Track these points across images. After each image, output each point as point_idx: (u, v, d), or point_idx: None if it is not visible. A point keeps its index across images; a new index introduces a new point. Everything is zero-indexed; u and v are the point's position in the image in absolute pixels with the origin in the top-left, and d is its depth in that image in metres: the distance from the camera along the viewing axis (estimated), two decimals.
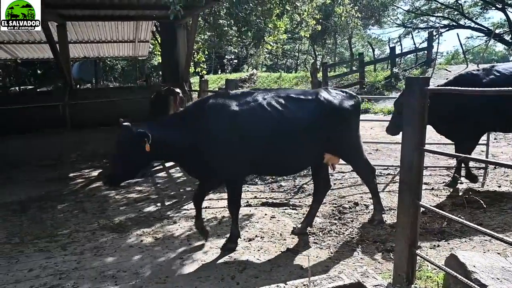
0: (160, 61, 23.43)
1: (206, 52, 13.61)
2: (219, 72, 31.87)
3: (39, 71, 31.85)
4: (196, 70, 12.25)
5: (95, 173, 7.64)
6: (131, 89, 11.07)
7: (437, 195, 5.31)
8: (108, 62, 30.83)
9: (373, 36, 35.83)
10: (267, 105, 3.84)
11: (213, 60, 29.70)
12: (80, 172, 7.80)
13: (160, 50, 12.43)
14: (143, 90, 10.20)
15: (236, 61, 35.65)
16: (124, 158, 3.62)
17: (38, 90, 14.68)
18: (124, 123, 3.65)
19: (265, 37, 8.43)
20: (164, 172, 7.50)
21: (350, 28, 23.75)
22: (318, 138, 4.02)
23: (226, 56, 35.97)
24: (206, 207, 5.34)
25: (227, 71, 33.55)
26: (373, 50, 26.07)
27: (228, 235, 4.17)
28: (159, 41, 12.20)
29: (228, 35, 7.97)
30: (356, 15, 18.12)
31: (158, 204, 5.62)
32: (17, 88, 24.06)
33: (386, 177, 6.22)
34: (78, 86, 17.86)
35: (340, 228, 4.47)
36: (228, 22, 8.58)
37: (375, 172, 4.52)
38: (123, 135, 3.59)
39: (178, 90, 8.19)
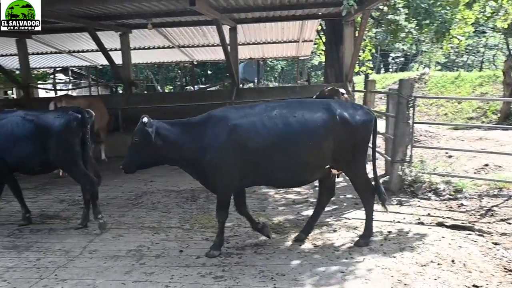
0: (321, 60, 23.86)
1: (373, 50, 13.06)
2: (382, 72, 30.40)
3: (209, 72, 36.32)
4: (361, 70, 11.85)
5: None
6: (293, 88, 11.40)
7: None
8: (269, 63, 32.91)
9: None
10: (272, 118, 3.89)
11: (377, 58, 28.44)
12: None
13: (323, 49, 12.46)
14: (305, 89, 10.38)
15: (402, 59, 33.42)
16: (136, 148, 4.08)
17: (208, 89, 16.56)
18: (143, 116, 4.03)
19: (450, 30, 7.46)
20: None
21: None
22: (324, 153, 3.94)
23: (391, 54, 34.08)
24: None
25: (392, 70, 31.73)
26: None
27: (394, 254, 3.87)
28: (323, 40, 12.24)
29: (404, 30, 7.33)
30: None
31: None
32: (191, 87, 27.94)
33: None
34: (241, 85, 19.54)
35: None
36: (406, 16, 7.92)
37: (374, 193, 4.26)
38: (138, 126, 4.05)
39: (342, 90, 7.98)
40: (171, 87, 32.22)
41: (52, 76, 22.63)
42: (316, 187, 6.55)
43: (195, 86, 27.79)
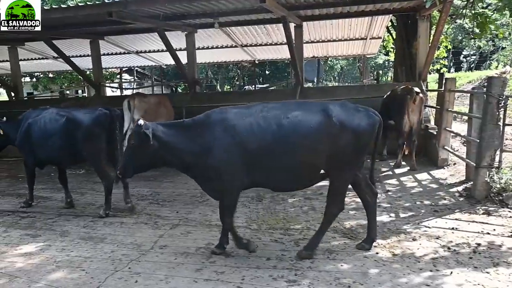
0: (386, 58, 22.97)
1: (449, 47, 12.23)
2: (452, 71, 28.59)
3: (267, 72, 36.48)
4: (434, 68, 11.14)
5: None
6: (360, 87, 11.01)
7: None
8: (328, 62, 32.33)
9: None
10: (269, 119, 3.80)
11: (447, 56, 26.82)
12: None
13: (392, 46, 11.89)
14: (373, 88, 9.96)
15: (474, 57, 31.25)
16: (133, 151, 4.00)
17: (269, 88, 16.55)
18: (139, 119, 4.02)
19: None
20: (395, 179, 7.02)
21: None
22: (319, 156, 3.78)
23: (463, 52, 32.01)
24: (453, 228, 4.61)
25: (465, 68, 29.73)
26: None
27: (487, 269, 3.53)
28: (393, 36, 11.67)
29: (494, 23, 6.65)
30: None
31: (392, 215, 5.21)
32: (250, 86, 28.19)
33: None
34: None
35: None
36: (497, 7, 7.24)
37: (340, 210, 4.06)
38: (134, 129, 4.01)
39: (417, 89, 7.53)
40: (228, 87, 32.79)
41: (118, 75, 23.98)
42: (389, 192, 6.26)
43: (254, 86, 28.11)
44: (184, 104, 10.39)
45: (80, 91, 26.79)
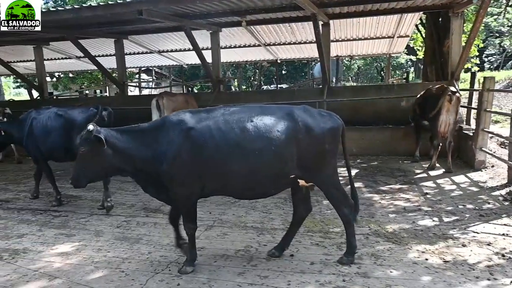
0: (408, 57, 22.52)
1: (481, 45, 11.89)
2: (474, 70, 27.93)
3: (283, 71, 36.29)
4: (466, 67, 10.84)
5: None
6: (390, 87, 10.79)
7: None
8: (345, 62, 31.95)
9: None
10: (230, 122, 3.63)
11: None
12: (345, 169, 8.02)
13: (421, 44, 11.61)
14: (402, 88, 9.74)
15: (497, 56, 30.48)
16: (84, 159, 3.74)
17: (295, 88, 16.36)
18: (89, 125, 3.71)
19: None
20: (431, 181, 6.81)
21: None
22: (285, 161, 3.64)
23: (486, 52, 31.25)
24: (504, 234, 4.41)
25: (488, 68, 29.04)
26: None
27: None
28: (422, 34, 11.40)
29: None
30: None
31: (435, 219, 5.02)
32: (268, 86, 28.09)
33: None
34: (317, 84, 19.08)
35: None
36: None
37: (352, 204, 3.93)
38: (83, 135, 3.69)
39: (452, 88, 7.30)
40: (244, 87, 32.71)
41: (137, 75, 24.15)
42: (427, 195, 6.06)
43: (271, 86, 27.96)
44: (208, 103, 10.37)
45: (98, 91, 27.11)
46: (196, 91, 26.71)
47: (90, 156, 3.70)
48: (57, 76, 27.57)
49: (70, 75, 27.11)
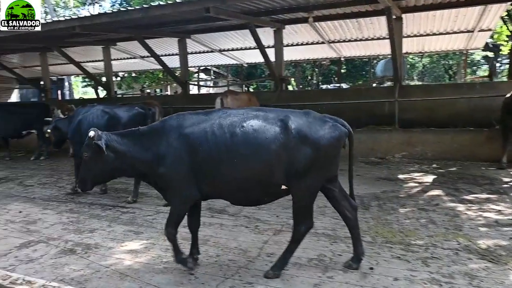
0: (484, 54, 20.81)
1: None
2: None
3: (342, 70, 35.29)
4: None
5: (426, 178, 7.20)
6: (471, 85, 9.99)
7: None
8: (410, 59, 30.38)
9: None
10: (223, 126, 3.60)
11: None
12: (409, 175, 7.54)
13: (506, 39, 10.62)
14: (487, 86, 8.95)
15: None
16: (88, 163, 3.84)
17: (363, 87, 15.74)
18: (91, 129, 3.82)
19: None
20: None
21: None
22: (274, 170, 3.52)
23: None
24: None
25: None
26: None
27: None
28: (509, 27, 10.41)
29: None
30: None
31: None
32: (328, 86, 27.44)
33: None
34: (379, 84, 18.26)
35: None
36: None
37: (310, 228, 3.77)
38: (86, 141, 3.79)
39: None
40: (301, 86, 32.23)
41: (195, 74, 24.66)
42: None
43: (330, 85, 27.29)
44: (270, 102, 10.23)
45: (157, 90, 28.09)
46: (251, 90, 26.81)
47: (93, 160, 3.83)
48: (121, 76, 29.00)
49: (133, 74, 28.40)
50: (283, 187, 3.63)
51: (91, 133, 3.77)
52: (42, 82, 17.29)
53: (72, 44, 13.30)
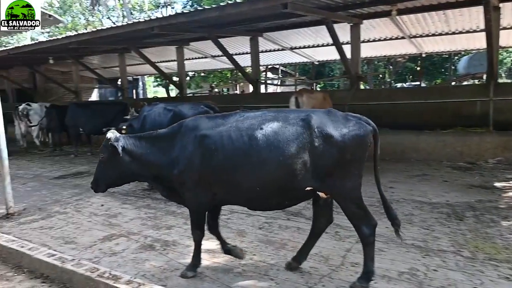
0: None
1: None
2: None
3: (418, 67, 33.30)
4: None
5: None
6: None
7: None
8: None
9: None
10: (241, 129, 3.52)
11: None
12: (508, 183, 6.78)
13: None
14: None
15: None
16: (104, 165, 3.89)
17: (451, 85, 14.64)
18: (108, 132, 3.82)
19: None
20: None
21: None
22: (297, 172, 3.35)
23: None
24: None
25: None
26: None
27: None
28: None
29: None
30: None
31: None
32: (403, 84, 26.08)
33: None
34: (459, 82, 16.89)
35: None
36: None
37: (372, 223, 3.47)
38: (103, 143, 3.83)
39: None
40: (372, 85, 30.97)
41: (263, 73, 24.69)
42: None
43: (405, 84, 25.92)
44: (345, 101, 9.85)
45: (225, 89, 28.60)
46: (319, 89, 26.28)
47: (109, 162, 3.87)
48: (191, 75, 29.98)
49: (202, 74, 29.23)
50: (308, 188, 3.48)
51: (109, 135, 3.83)
52: (119, 82, 18.36)
53: (148, 45, 13.90)
